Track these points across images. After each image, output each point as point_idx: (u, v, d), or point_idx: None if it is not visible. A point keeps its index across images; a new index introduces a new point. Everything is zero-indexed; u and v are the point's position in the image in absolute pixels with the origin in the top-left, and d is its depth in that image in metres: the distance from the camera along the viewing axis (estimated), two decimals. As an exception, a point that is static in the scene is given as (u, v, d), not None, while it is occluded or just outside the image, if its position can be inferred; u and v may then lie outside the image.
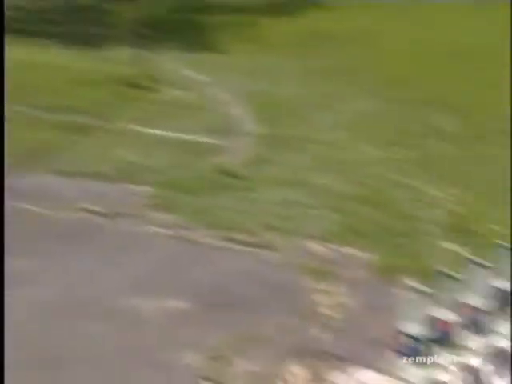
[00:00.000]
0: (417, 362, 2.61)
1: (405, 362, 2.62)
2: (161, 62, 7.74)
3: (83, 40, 8.02)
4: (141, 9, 9.31)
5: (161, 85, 7.12)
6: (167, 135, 6.00)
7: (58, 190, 4.86)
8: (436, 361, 2.68)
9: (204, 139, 6.04)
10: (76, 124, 5.88)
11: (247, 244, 4.26)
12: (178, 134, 6.03)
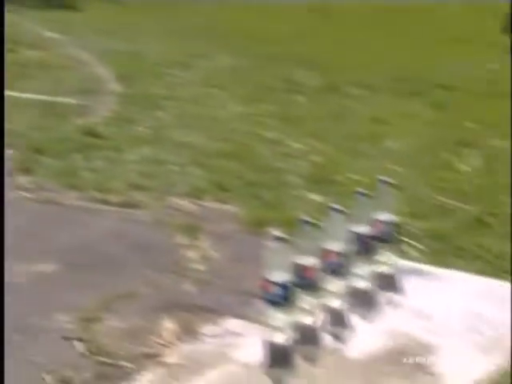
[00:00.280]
0: (283, 308, 2.65)
1: (272, 309, 2.65)
2: (17, 22, 7.46)
3: None
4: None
5: (18, 45, 6.88)
6: (27, 97, 5.82)
7: None
8: (301, 305, 2.74)
9: (65, 100, 5.88)
10: None
11: (114, 204, 4.19)
12: (39, 96, 5.85)
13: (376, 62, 6.86)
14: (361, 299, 2.95)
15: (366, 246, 2.98)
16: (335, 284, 2.87)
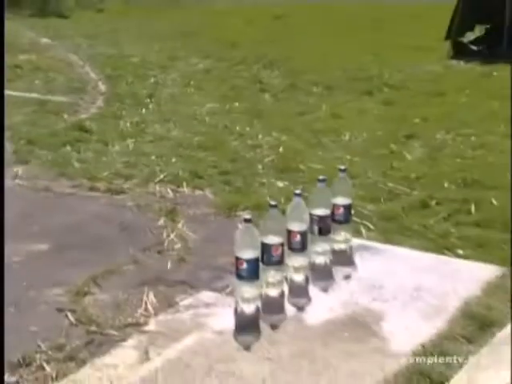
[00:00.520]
0: (251, 282, 2.66)
1: (241, 283, 2.66)
2: (11, 28, 7.37)
3: None
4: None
5: (13, 49, 6.79)
6: (21, 96, 5.76)
7: None
8: (267, 279, 2.75)
9: (57, 98, 5.83)
10: None
11: (102, 191, 4.17)
12: (32, 95, 5.79)
13: (334, 65, 6.87)
14: (320, 273, 2.96)
15: (325, 227, 2.99)
16: (297, 260, 2.88)
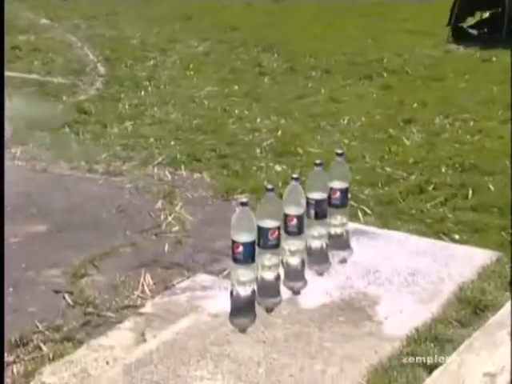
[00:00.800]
0: (248, 265, 2.66)
1: (238, 266, 2.66)
2: (10, 9, 7.32)
3: None
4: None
5: (12, 30, 6.75)
6: (22, 77, 5.73)
7: None
8: (263, 263, 2.75)
9: (57, 80, 5.81)
10: None
11: (100, 173, 4.17)
12: (32, 76, 5.77)
13: (333, 49, 6.84)
14: (316, 257, 2.97)
15: (321, 211, 2.99)
16: (294, 244, 2.88)
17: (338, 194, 3.07)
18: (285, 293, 2.73)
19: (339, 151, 3.12)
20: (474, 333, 2.32)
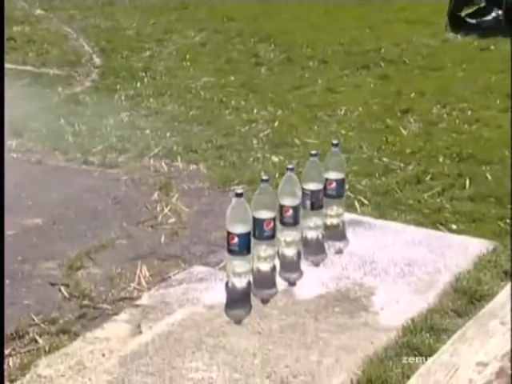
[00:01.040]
0: (243, 257, 2.67)
1: (233, 257, 2.67)
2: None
3: None
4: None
5: (7, 21, 6.72)
6: (16, 68, 5.72)
7: None
8: (259, 254, 2.76)
9: (51, 71, 5.80)
10: None
11: (96, 165, 4.17)
12: (27, 67, 5.76)
13: (330, 39, 6.82)
14: (312, 248, 2.98)
15: (317, 202, 2.99)
16: (290, 235, 2.89)
17: (334, 185, 3.08)
18: (280, 284, 2.74)
19: (335, 142, 3.13)
20: (467, 322, 2.33)
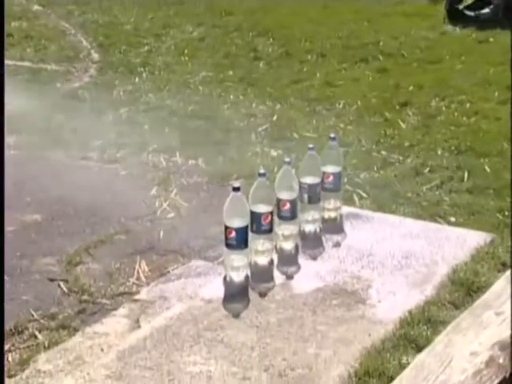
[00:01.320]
0: (241, 251, 2.68)
1: (231, 252, 2.68)
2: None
3: None
4: None
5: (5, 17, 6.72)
6: (15, 64, 5.72)
7: None
8: (257, 248, 2.77)
9: (50, 67, 5.80)
10: None
11: (95, 160, 4.18)
12: (26, 63, 5.76)
13: (328, 33, 6.82)
14: (309, 241, 2.99)
15: (315, 195, 3.00)
16: (287, 229, 2.90)
17: (331, 178, 3.09)
18: (278, 277, 2.75)
19: (332, 135, 3.14)
20: (462, 313, 2.35)
